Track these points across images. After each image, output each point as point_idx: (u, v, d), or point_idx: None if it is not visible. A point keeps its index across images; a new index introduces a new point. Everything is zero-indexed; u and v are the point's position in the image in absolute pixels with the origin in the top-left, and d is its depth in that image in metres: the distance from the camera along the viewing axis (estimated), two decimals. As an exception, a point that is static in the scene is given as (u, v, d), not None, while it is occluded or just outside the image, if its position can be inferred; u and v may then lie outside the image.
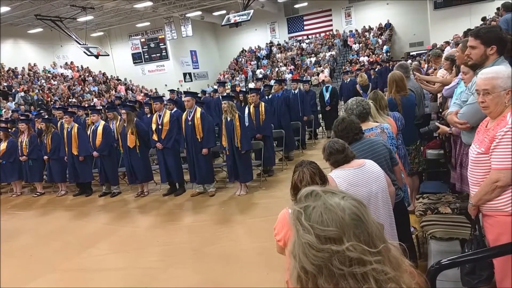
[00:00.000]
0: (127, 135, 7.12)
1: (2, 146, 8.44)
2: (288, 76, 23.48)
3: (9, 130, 9.00)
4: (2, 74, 19.93)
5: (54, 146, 8.02)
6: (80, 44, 21.88)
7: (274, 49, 28.19)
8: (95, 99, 21.50)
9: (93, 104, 18.90)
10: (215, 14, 26.10)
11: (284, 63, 26.23)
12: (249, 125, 7.27)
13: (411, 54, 23.10)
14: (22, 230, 6.34)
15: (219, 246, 4.76)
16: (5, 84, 19.14)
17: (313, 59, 25.38)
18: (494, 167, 2.13)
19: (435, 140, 4.76)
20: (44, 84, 21.21)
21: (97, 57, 22.73)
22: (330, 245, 0.86)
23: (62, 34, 21.61)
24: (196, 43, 28.15)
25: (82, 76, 24.21)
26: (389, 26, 25.13)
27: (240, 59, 28.70)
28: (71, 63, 24.84)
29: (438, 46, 12.05)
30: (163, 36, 26.11)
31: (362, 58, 23.39)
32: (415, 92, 4.73)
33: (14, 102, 17.80)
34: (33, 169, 8.31)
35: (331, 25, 27.24)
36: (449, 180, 4.16)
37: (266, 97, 9.04)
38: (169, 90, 13.00)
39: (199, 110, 6.76)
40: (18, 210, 7.59)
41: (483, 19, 13.72)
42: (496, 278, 2.21)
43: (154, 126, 7.03)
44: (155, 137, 7.00)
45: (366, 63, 20.59)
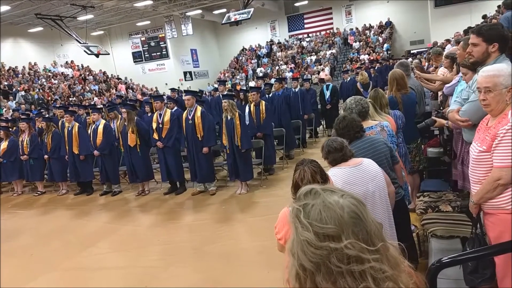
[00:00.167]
0: (128, 134, 7.13)
1: (3, 145, 8.45)
2: (288, 74, 23.45)
3: (10, 129, 8.99)
4: (3, 73, 19.94)
5: (54, 145, 8.02)
6: (80, 43, 21.86)
7: (275, 47, 28.15)
8: (96, 98, 21.50)
9: (93, 103, 18.91)
10: (216, 12, 26.06)
11: (284, 62, 26.19)
12: (249, 123, 7.27)
13: (412, 52, 23.04)
14: (22, 229, 6.34)
15: (220, 244, 4.76)
16: (5, 83, 19.15)
17: (313, 58, 25.34)
18: (496, 165, 2.12)
19: (436, 138, 4.75)
20: (44, 83, 21.21)
21: (97, 56, 22.71)
22: (329, 242, 0.86)
23: (63, 33, 21.61)
24: (196, 42, 28.11)
25: (83, 75, 24.21)
26: (389, 24, 25.07)
27: (240, 58, 28.65)
28: (72, 62, 24.84)
29: (438, 44, 11.99)
30: (164, 34, 26.07)
31: (362, 56, 23.35)
32: (416, 90, 4.73)
33: (14, 101, 17.81)
34: (34, 168, 8.32)
35: (332, 23, 27.17)
36: (450, 178, 4.15)
37: (267, 95, 9.03)
38: (170, 89, 12.98)
39: (200, 108, 6.76)
40: (19, 209, 7.59)
41: (484, 17, 13.69)
42: (497, 277, 2.20)
43: (154, 125, 7.03)
44: (156, 136, 7.01)
45: (366, 61, 20.55)
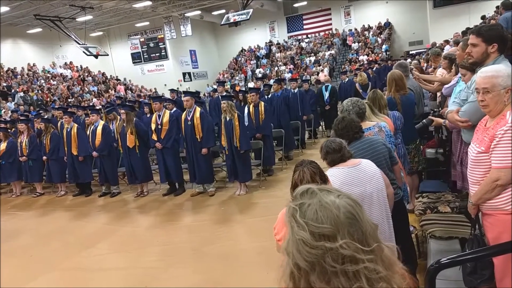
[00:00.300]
0: (127, 135, 7.12)
1: (2, 146, 8.43)
2: (287, 75, 23.46)
3: (8, 131, 8.98)
4: (2, 74, 19.93)
5: (53, 146, 8.01)
6: (79, 44, 21.85)
7: (274, 48, 28.16)
8: (95, 99, 21.50)
9: (92, 104, 18.90)
10: (215, 13, 26.07)
11: (283, 63, 26.20)
12: (248, 124, 7.27)
13: (411, 53, 23.09)
14: (22, 230, 6.34)
15: (219, 245, 4.76)
16: (4, 84, 19.15)
17: (312, 58, 25.36)
18: (494, 166, 2.12)
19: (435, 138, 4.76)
20: (43, 84, 21.20)
21: (96, 57, 22.72)
22: (324, 242, 0.86)
23: (61, 34, 21.61)
24: (195, 43, 28.12)
25: (82, 76, 24.19)
26: (388, 25, 25.11)
27: (239, 59, 28.66)
28: (71, 63, 24.82)
29: (437, 45, 12.01)
30: (163, 35, 26.08)
31: (361, 57, 23.37)
32: (415, 91, 4.73)
33: (13, 102, 17.81)
34: (32, 169, 8.31)
35: (331, 24, 27.20)
36: (449, 179, 4.16)
37: (266, 96, 9.04)
38: (169, 90, 12.98)
39: (199, 109, 6.76)
40: (18, 211, 7.58)
41: (483, 18, 13.70)
42: (496, 277, 2.21)
43: (153, 126, 7.03)
44: (155, 137, 7.00)
45: (365, 62, 20.57)
